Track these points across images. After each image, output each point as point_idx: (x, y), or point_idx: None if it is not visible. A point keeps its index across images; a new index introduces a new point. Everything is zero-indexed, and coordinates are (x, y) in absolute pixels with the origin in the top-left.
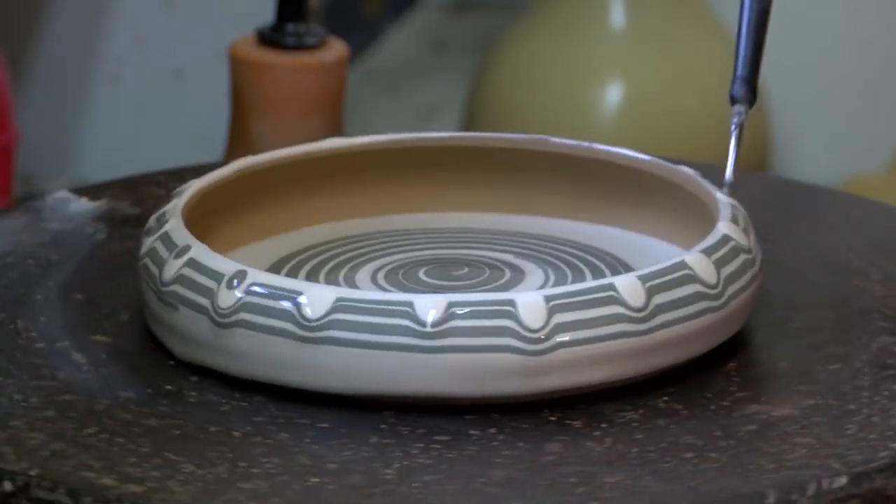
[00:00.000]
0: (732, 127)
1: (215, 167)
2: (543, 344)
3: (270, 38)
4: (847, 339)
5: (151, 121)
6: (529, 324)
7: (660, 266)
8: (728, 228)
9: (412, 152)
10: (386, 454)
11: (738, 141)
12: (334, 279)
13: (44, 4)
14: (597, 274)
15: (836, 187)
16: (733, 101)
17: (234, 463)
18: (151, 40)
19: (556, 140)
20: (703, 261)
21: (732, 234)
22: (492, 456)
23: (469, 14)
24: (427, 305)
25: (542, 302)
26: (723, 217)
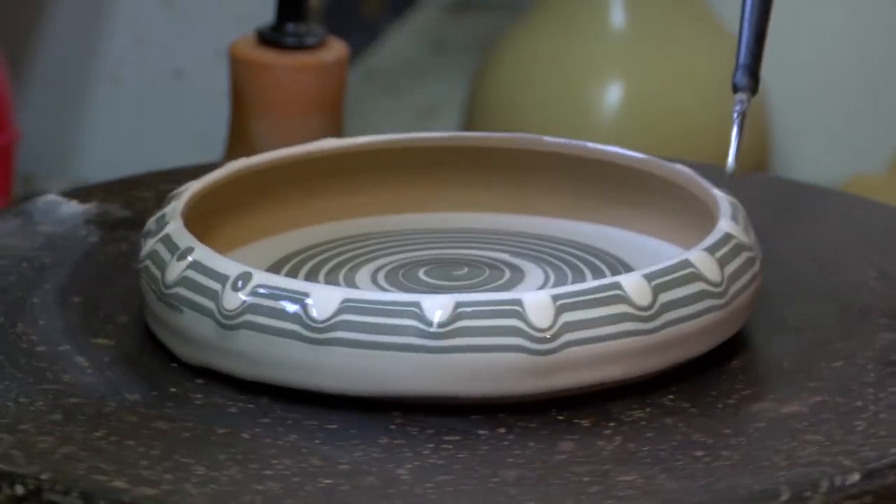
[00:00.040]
0: (735, 115)
1: (213, 167)
2: (551, 343)
3: (270, 38)
4: (849, 337)
5: (151, 121)
6: (537, 323)
7: (665, 264)
8: (729, 226)
9: (412, 152)
10: (397, 455)
11: (741, 129)
12: (334, 279)
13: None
14: (597, 274)
15: (836, 187)
16: (735, 90)
17: (246, 465)
18: (151, 40)
19: (550, 139)
20: (707, 259)
21: (734, 232)
22: (503, 456)
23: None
24: (434, 306)
25: (550, 301)
26: (723, 215)
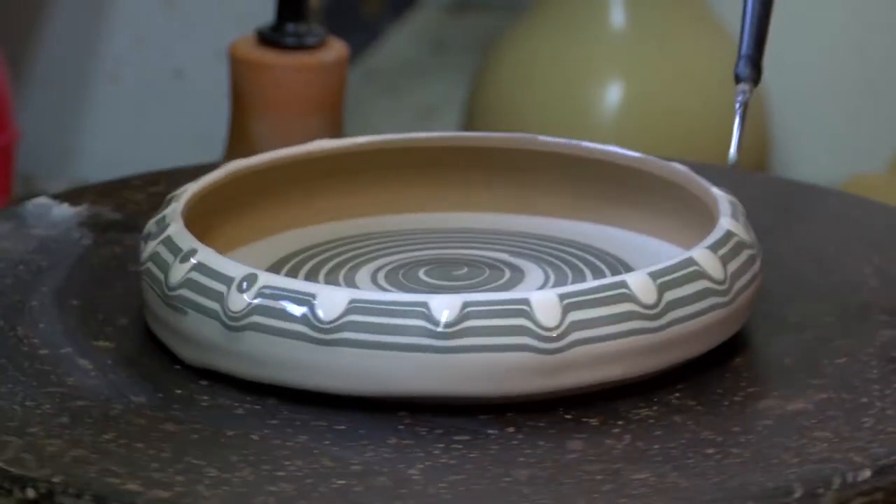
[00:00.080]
0: (737, 105)
1: (213, 167)
2: (558, 342)
3: (270, 38)
4: (849, 334)
5: (151, 121)
6: (544, 322)
7: (669, 263)
8: (730, 224)
9: (412, 152)
10: (408, 455)
11: (743, 120)
12: (334, 279)
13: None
14: (597, 274)
15: (836, 187)
16: (738, 80)
17: (258, 466)
18: (151, 40)
19: (550, 139)
20: (710, 256)
21: (735, 230)
22: (514, 455)
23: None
24: (442, 305)
25: (557, 300)
26: (723, 213)
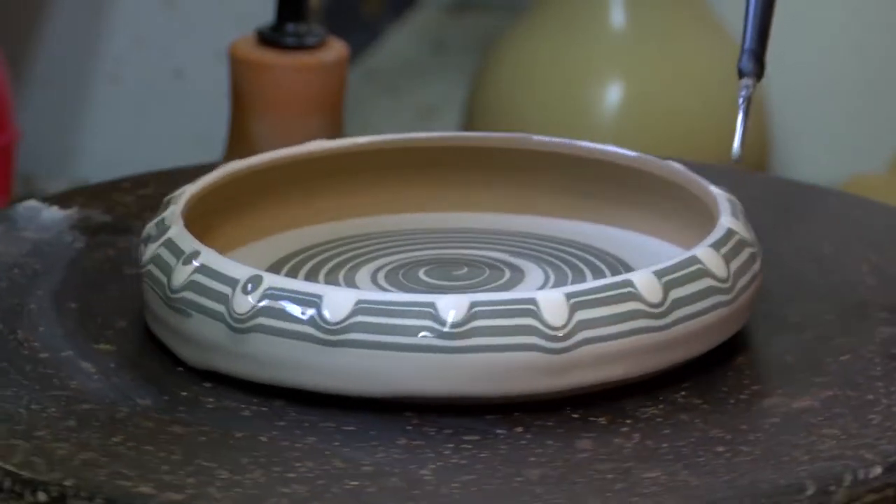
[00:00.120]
0: (740, 100)
1: (213, 167)
2: (566, 342)
3: (270, 38)
4: (850, 332)
5: (151, 121)
6: (551, 322)
7: (673, 261)
8: (731, 222)
9: (412, 152)
10: (418, 455)
11: (746, 114)
12: (334, 279)
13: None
14: (597, 274)
15: (836, 187)
16: (741, 75)
17: (269, 468)
18: (151, 40)
19: (549, 139)
20: (713, 255)
21: (736, 228)
22: (524, 455)
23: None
24: (449, 306)
25: (563, 299)
26: (724, 212)
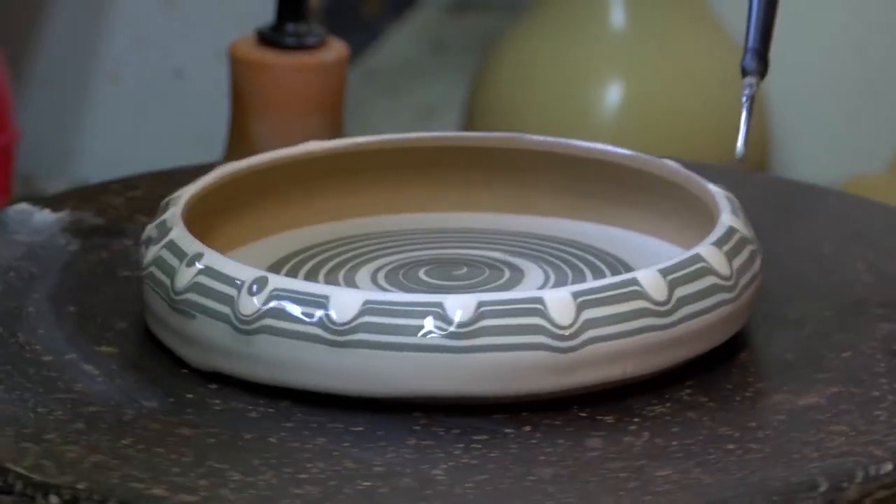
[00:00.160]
0: (743, 99)
1: (213, 167)
2: (573, 340)
3: (270, 38)
4: (849, 329)
5: (151, 121)
6: (559, 321)
7: (677, 259)
8: (732, 220)
9: (412, 152)
10: (429, 455)
11: (749, 113)
12: (333, 279)
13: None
14: (597, 274)
15: (836, 187)
16: (744, 73)
17: (280, 469)
18: (151, 40)
19: (549, 139)
20: (716, 253)
21: (736, 226)
22: (535, 454)
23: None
24: (456, 305)
25: (570, 298)
26: (724, 210)
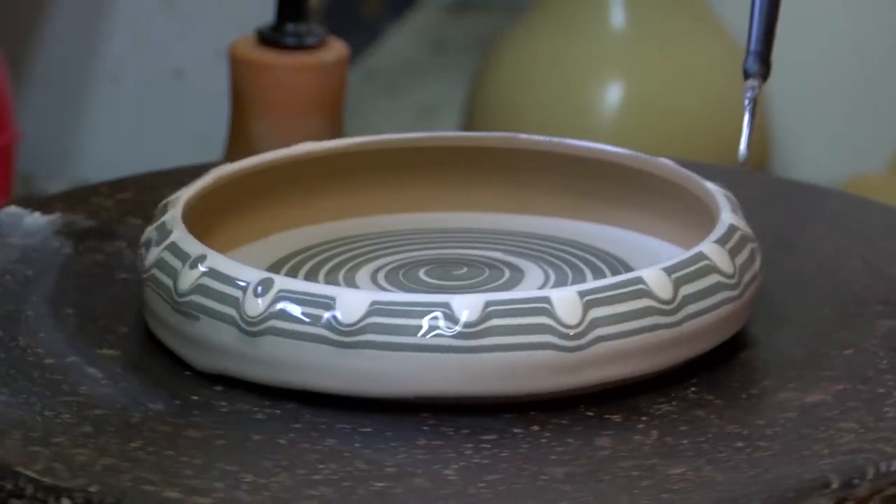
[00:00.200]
0: (746, 102)
1: (213, 167)
2: (580, 340)
3: (270, 38)
4: (850, 327)
5: (151, 121)
6: (566, 320)
7: (681, 258)
8: (732, 218)
9: (412, 152)
10: (440, 455)
11: (752, 116)
12: (333, 279)
13: (44, 4)
14: (597, 274)
15: (836, 187)
16: (747, 76)
17: (292, 471)
18: (151, 40)
19: (548, 139)
20: (719, 251)
21: (737, 224)
22: (546, 453)
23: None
24: (463, 305)
25: (577, 297)
26: (723, 208)
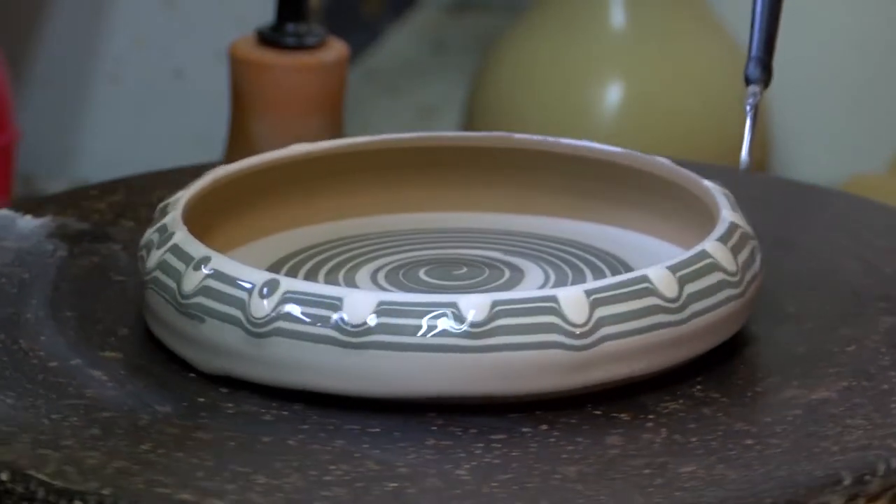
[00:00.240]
0: (747, 108)
1: (212, 167)
2: (587, 338)
3: (270, 38)
4: (851, 324)
5: (151, 121)
6: (573, 319)
7: (685, 256)
8: (733, 216)
9: (412, 152)
10: (450, 455)
11: (754, 122)
12: (334, 279)
13: (44, 4)
14: (597, 274)
15: (836, 187)
16: (748, 82)
17: (304, 472)
18: (151, 40)
19: (547, 139)
20: (722, 249)
21: (738, 222)
22: (556, 452)
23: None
24: (471, 305)
25: (584, 296)
26: (723, 206)
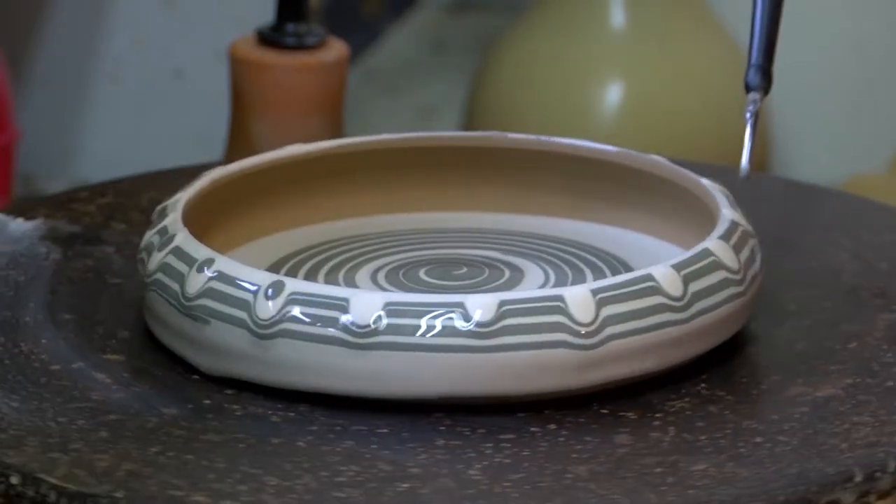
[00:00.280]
0: (747, 115)
1: (212, 167)
2: (594, 338)
3: (270, 38)
4: (851, 321)
5: (151, 121)
6: (580, 318)
7: (688, 255)
8: (733, 215)
9: (412, 152)
10: (460, 455)
11: (754, 130)
12: (333, 279)
13: (44, 4)
14: (597, 273)
15: (836, 187)
16: (748, 89)
17: (315, 473)
18: (151, 40)
19: (547, 138)
20: (724, 247)
21: (738, 220)
22: (566, 451)
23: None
24: (477, 305)
25: (590, 295)
26: (722, 205)
